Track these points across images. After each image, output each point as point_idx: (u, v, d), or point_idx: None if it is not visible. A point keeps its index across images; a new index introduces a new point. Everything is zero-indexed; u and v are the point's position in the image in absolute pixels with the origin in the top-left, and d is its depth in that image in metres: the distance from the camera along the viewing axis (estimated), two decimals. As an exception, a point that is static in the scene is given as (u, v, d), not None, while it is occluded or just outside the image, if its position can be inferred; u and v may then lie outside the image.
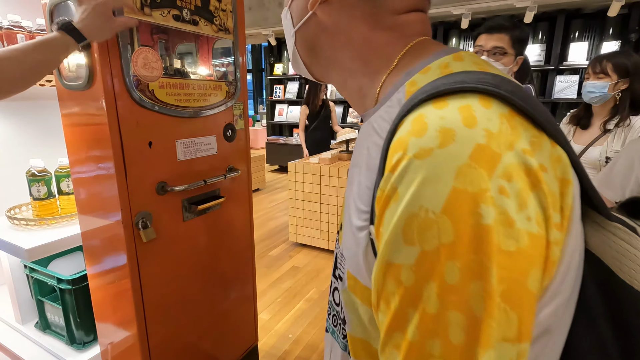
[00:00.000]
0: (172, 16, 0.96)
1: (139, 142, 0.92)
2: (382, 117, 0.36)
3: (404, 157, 0.27)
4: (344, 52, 0.42)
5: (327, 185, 2.96)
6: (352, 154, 0.48)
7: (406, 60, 0.38)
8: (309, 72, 0.48)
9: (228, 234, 1.26)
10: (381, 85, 0.39)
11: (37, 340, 1.20)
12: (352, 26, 0.40)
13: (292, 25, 0.45)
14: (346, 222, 0.40)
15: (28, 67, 0.71)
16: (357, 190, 0.37)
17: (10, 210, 1.12)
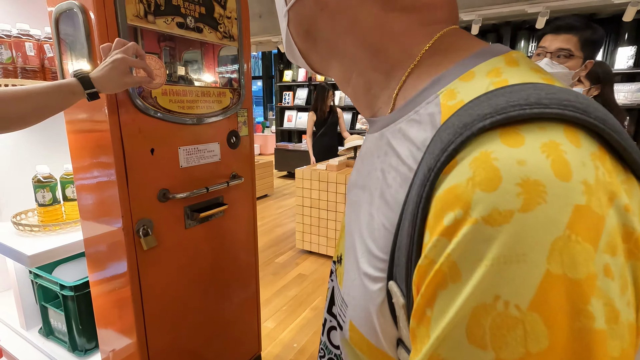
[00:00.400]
0: (176, 24, 0.96)
1: (140, 149, 0.92)
2: (404, 134, 0.28)
3: (467, 219, 0.20)
4: (348, 38, 0.33)
5: (334, 192, 2.94)
6: (354, 167, 0.39)
7: (434, 58, 0.30)
8: (305, 62, 0.39)
9: (231, 242, 1.25)
10: (400, 86, 0.31)
11: (40, 346, 1.20)
12: (359, 4, 0.31)
13: (285, 3, 0.36)
14: (350, 260, 0.32)
15: (30, 109, 0.72)
16: (367, 225, 0.30)
17: (15, 216, 1.13)
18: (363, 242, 0.30)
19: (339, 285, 0.36)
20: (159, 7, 0.91)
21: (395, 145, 0.29)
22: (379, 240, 0.28)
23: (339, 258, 0.37)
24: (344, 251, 0.35)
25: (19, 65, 1.05)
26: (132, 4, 0.85)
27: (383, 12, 0.31)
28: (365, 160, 0.35)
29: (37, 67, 1.08)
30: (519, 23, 4.37)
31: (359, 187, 0.34)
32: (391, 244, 0.26)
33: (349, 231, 0.34)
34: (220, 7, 1.08)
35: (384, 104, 0.33)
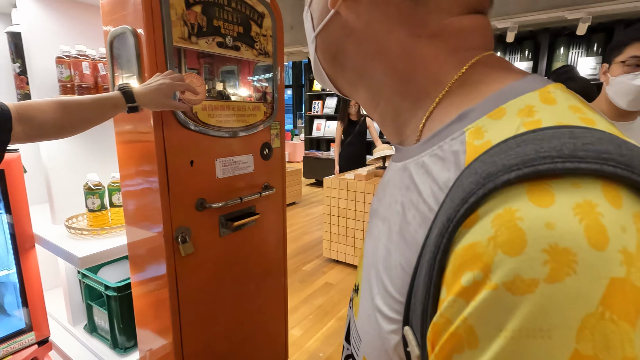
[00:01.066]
0: (216, 43, 1.02)
1: (181, 161, 0.98)
2: (427, 170, 0.26)
3: (486, 283, 0.18)
4: (375, 64, 0.32)
5: (362, 202, 2.94)
6: (376, 194, 0.38)
7: (463, 88, 0.28)
8: (333, 86, 0.39)
9: (261, 250, 1.29)
10: (427, 116, 0.29)
11: (84, 342, 1.29)
12: (387, 30, 0.30)
13: (313, 29, 0.36)
14: (365, 293, 0.31)
15: (78, 119, 0.81)
16: (383, 260, 0.29)
17: (68, 220, 1.23)
18: (379, 277, 0.29)
19: (354, 316, 0.35)
20: (201, 29, 0.97)
21: (418, 181, 0.27)
22: (396, 279, 0.27)
23: (356, 288, 0.36)
24: (360, 282, 0.34)
25: (76, 82, 1.15)
26: (177, 27, 0.92)
27: (411, 39, 0.30)
28: (387, 191, 0.33)
29: (92, 84, 1.18)
30: (558, 29, 4.20)
31: (380, 217, 0.33)
32: (408, 286, 0.25)
33: (366, 262, 0.33)
34: (256, 26, 1.14)
35: (412, 133, 0.32)
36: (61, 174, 1.30)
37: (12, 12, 1.27)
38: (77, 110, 0.80)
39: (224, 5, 1.02)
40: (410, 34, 0.30)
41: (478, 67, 0.29)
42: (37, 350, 1.26)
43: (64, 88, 1.16)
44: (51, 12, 1.22)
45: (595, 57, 3.91)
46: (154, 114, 0.90)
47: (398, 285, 0.26)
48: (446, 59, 0.30)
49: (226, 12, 1.03)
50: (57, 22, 1.24)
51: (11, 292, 1.31)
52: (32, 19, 1.18)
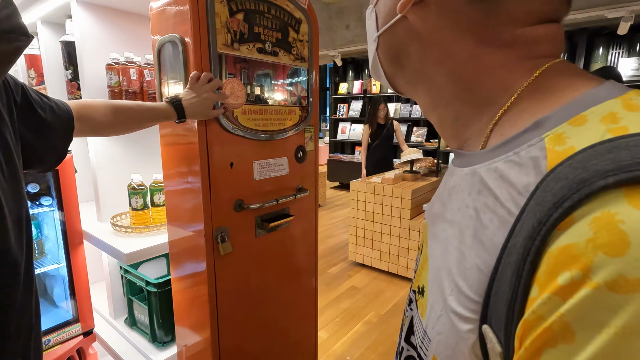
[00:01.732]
0: (256, 49, 1.05)
1: (222, 163, 1.01)
2: (501, 175, 0.27)
3: (586, 282, 0.19)
4: (438, 69, 0.33)
5: (389, 206, 2.91)
6: (437, 198, 0.38)
7: (535, 95, 0.28)
8: (389, 84, 0.40)
9: (294, 251, 1.31)
10: (495, 122, 0.30)
11: (125, 334, 1.35)
12: (454, 37, 0.31)
13: (376, 28, 0.37)
14: (435, 294, 0.32)
15: (137, 120, 0.90)
16: (457, 263, 0.29)
17: (113, 218, 1.30)
18: (452, 279, 0.29)
19: (420, 317, 0.36)
20: (243, 36, 1.01)
21: (492, 186, 0.28)
22: (472, 281, 0.27)
23: (420, 289, 0.37)
24: (426, 283, 0.35)
25: (123, 88, 1.22)
26: (222, 34, 0.95)
27: (479, 48, 0.30)
28: (453, 195, 0.33)
29: (138, 90, 1.24)
30: (597, 29, 4.02)
31: (446, 221, 0.33)
32: (486, 286, 0.26)
33: (434, 265, 0.33)
34: (294, 32, 1.17)
35: (474, 137, 0.32)
36: (107, 174, 1.37)
37: (67, 23, 1.36)
38: (130, 115, 0.88)
39: (264, 13, 1.06)
40: (479, 43, 0.30)
41: (549, 74, 0.29)
42: (82, 341, 1.34)
43: (113, 93, 1.23)
44: (102, 22, 1.30)
45: (638, 57, 3.71)
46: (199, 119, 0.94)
47: (474, 286, 0.27)
48: (515, 67, 0.30)
49: (266, 18, 1.07)
50: (107, 31, 1.32)
51: (60, 285, 1.39)
52: (85, 29, 1.26)
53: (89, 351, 1.37)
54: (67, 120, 0.77)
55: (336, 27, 5.47)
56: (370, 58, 0.41)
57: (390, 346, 2.14)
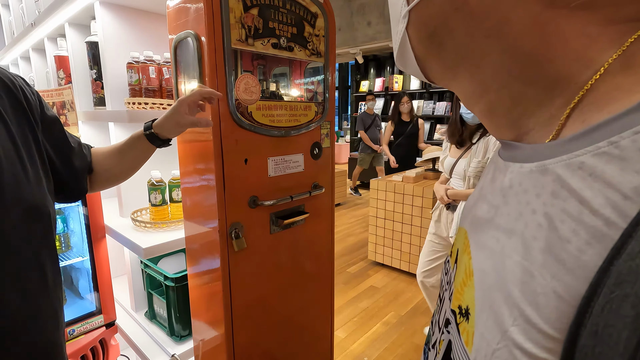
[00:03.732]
0: (271, 44, 1.04)
1: (236, 159, 1.01)
2: (592, 172, 0.21)
3: None
4: (491, 42, 0.26)
5: (410, 205, 2.85)
6: (480, 198, 0.33)
7: (630, 70, 0.22)
8: (419, 69, 0.33)
9: (310, 249, 1.30)
10: (572, 107, 0.24)
11: (145, 327, 1.39)
12: (513, 2, 0.25)
13: (406, 2, 0.30)
14: (486, 320, 0.26)
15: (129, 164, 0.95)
16: (520, 283, 0.24)
17: (133, 213, 1.33)
18: (515, 305, 0.24)
19: (464, 345, 0.29)
20: (257, 31, 1.00)
21: (577, 187, 0.22)
22: (547, 310, 0.22)
23: (464, 311, 0.31)
24: (472, 304, 0.29)
25: (143, 86, 1.24)
26: (235, 29, 0.95)
27: (548, 11, 0.24)
28: (511, 197, 0.27)
29: (157, 87, 1.27)
30: None
31: (500, 229, 0.27)
32: (571, 320, 0.20)
33: (484, 282, 0.28)
34: (309, 26, 1.15)
35: (540, 126, 0.26)
36: (128, 171, 1.40)
37: (92, 24, 1.40)
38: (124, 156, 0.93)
39: (279, 7, 1.05)
40: (548, 5, 0.24)
41: None
42: (104, 332, 1.38)
43: (133, 91, 1.26)
44: (124, 22, 1.33)
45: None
46: (213, 114, 0.94)
47: (551, 318, 0.21)
48: (596, 34, 0.23)
49: (281, 13, 1.06)
50: (128, 31, 1.35)
51: (84, 277, 1.45)
52: (107, 29, 1.30)
53: (111, 342, 1.41)
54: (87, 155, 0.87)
55: (357, 24, 5.41)
56: (396, 41, 0.34)
57: (410, 348, 2.09)
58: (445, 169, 1.95)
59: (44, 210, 0.68)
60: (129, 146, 0.90)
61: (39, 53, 2.14)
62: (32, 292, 0.65)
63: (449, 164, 1.90)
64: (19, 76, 0.72)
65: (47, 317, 0.69)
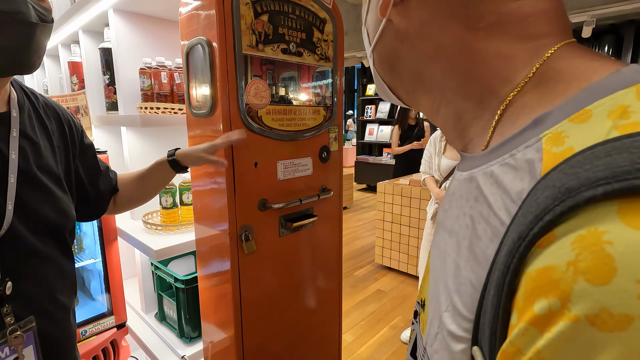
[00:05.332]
0: (280, 50, 1.06)
1: (246, 162, 1.03)
2: (496, 180, 0.24)
3: (564, 313, 0.16)
4: (433, 65, 0.31)
5: (417, 209, 2.84)
6: (441, 205, 0.37)
7: (540, 88, 0.25)
8: (395, 96, 0.38)
9: (318, 252, 1.30)
10: (497, 120, 0.27)
11: (155, 328, 1.40)
12: (440, 27, 0.29)
13: (369, 43, 0.36)
14: (433, 309, 0.30)
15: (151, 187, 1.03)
16: (453, 276, 0.27)
17: (145, 216, 1.35)
18: (448, 294, 0.27)
19: (421, 333, 0.34)
20: (267, 37, 1.02)
21: (487, 193, 0.25)
22: (465, 296, 0.25)
23: (422, 303, 0.35)
24: (427, 297, 0.33)
25: (155, 91, 1.27)
26: (246, 35, 0.97)
27: (467, 33, 0.28)
28: (453, 202, 0.31)
29: (168, 92, 1.29)
30: (646, 21, 3.74)
31: (446, 230, 0.31)
32: (477, 304, 0.24)
33: (433, 277, 0.32)
34: (318, 32, 1.16)
35: (477, 136, 0.29)
36: (140, 174, 1.43)
37: (105, 31, 1.44)
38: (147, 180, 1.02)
39: (288, 13, 1.06)
40: (466, 28, 0.28)
41: (556, 60, 0.25)
42: (116, 333, 1.40)
43: (145, 96, 1.29)
44: (136, 28, 1.36)
45: (695, 50, 3.42)
46: (224, 118, 0.96)
47: (468, 303, 0.25)
48: (512, 53, 0.26)
49: (290, 19, 1.07)
50: (140, 37, 1.38)
51: (96, 279, 1.47)
52: (120, 36, 1.33)
53: (122, 343, 1.43)
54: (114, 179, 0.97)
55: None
56: (374, 79, 0.40)
57: (417, 352, 2.08)
58: (441, 172, 1.94)
59: (70, 225, 0.76)
60: (151, 171, 0.98)
61: (52, 59, 2.19)
62: None
63: (447, 167, 1.90)
64: (67, 111, 0.85)
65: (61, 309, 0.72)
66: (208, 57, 0.96)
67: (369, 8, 0.35)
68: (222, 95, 0.96)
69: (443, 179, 1.93)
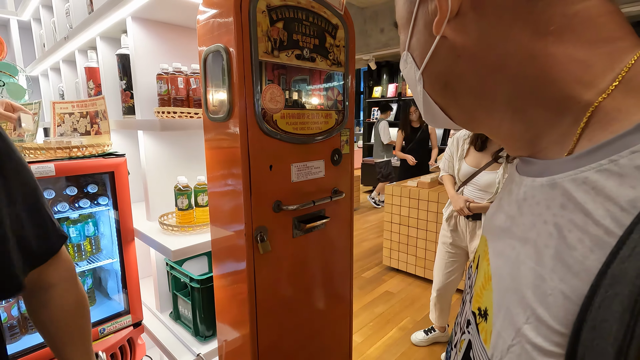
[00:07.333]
0: (294, 56, 1.09)
1: (262, 165, 1.06)
2: (594, 187, 0.24)
3: None
4: (497, 76, 0.30)
5: (425, 210, 2.85)
6: (499, 209, 0.35)
7: (630, 92, 0.24)
8: (448, 117, 0.37)
9: (330, 253, 1.33)
10: (582, 126, 0.26)
11: (170, 327, 1.43)
12: (504, 37, 0.28)
13: (417, 67, 0.35)
14: (503, 320, 0.28)
15: None
16: (533, 287, 0.26)
17: (161, 217, 1.39)
18: (528, 305, 0.26)
19: (483, 343, 0.32)
20: (282, 43, 1.05)
21: (582, 200, 0.24)
22: (555, 309, 0.24)
23: (483, 312, 0.33)
24: (491, 306, 0.31)
25: (172, 95, 1.31)
26: (263, 42, 1.00)
27: (535, 40, 0.27)
28: (525, 208, 0.30)
29: (184, 97, 1.33)
30: (656, 22, 3.72)
31: (515, 237, 0.30)
32: (576, 317, 0.23)
33: (501, 286, 0.30)
34: (330, 37, 1.19)
35: (553, 144, 0.28)
36: (156, 177, 1.47)
37: (122, 37, 1.48)
38: None
39: (302, 20, 1.09)
40: (533, 33, 0.27)
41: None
42: (132, 332, 1.43)
43: (162, 101, 1.32)
44: (154, 35, 1.41)
45: None
46: (241, 123, 0.99)
47: (559, 316, 0.24)
48: (589, 57, 0.26)
49: (304, 26, 1.10)
50: (158, 44, 1.42)
51: (113, 279, 1.51)
52: (138, 42, 1.37)
53: (138, 341, 1.46)
54: None
55: (371, 30, 5.46)
56: (419, 102, 0.38)
57: (426, 355, 2.09)
58: (461, 176, 1.93)
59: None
60: None
61: (69, 64, 2.25)
62: None
63: (467, 172, 1.89)
64: None
65: None
66: (226, 63, 0.99)
67: (414, 31, 0.34)
68: (239, 100, 0.99)
69: (461, 184, 1.92)
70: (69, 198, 1.36)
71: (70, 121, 1.54)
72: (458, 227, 1.96)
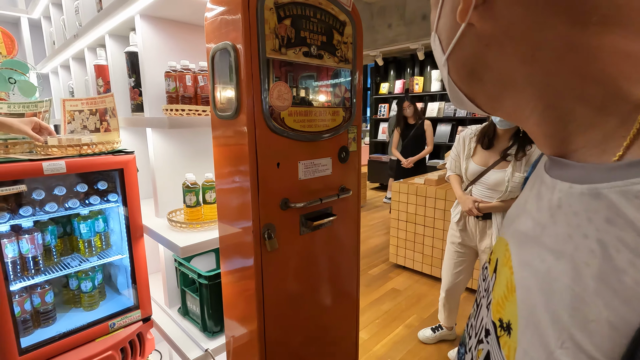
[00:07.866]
0: (302, 53, 1.09)
1: (269, 163, 1.06)
2: None
3: None
4: (530, 67, 0.27)
5: (432, 208, 2.84)
6: (523, 211, 0.33)
7: None
8: (473, 104, 0.35)
9: (337, 250, 1.33)
10: (635, 132, 0.23)
11: (178, 322, 1.45)
12: (538, 25, 0.25)
13: (442, 52, 0.34)
14: (530, 338, 0.26)
15: None
16: (570, 308, 0.23)
17: (170, 214, 1.40)
18: (564, 328, 0.23)
19: (505, 358, 0.29)
20: (290, 40, 1.05)
21: (634, 218, 0.21)
22: (600, 339, 0.21)
23: (505, 325, 0.30)
24: (515, 320, 0.28)
25: (180, 93, 1.31)
26: (270, 39, 1.00)
27: (575, 29, 0.24)
28: (558, 217, 0.26)
29: (192, 95, 1.33)
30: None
31: (546, 248, 0.27)
32: (623, 350, 0.20)
33: (528, 300, 0.27)
34: (338, 34, 1.19)
35: (592, 146, 0.26)
36: (164, 174, 1.48)
37: (130, 35, 1.49)
38: None
39: (310, 17, 1.09)
40: (574, 23, 0.24)
41: None
42: (141, 326, 1.45)
43: (170, 98, 1.33)
44: (162, 33, 1.41)
45: None
46: (249, 121, 0.99)
47: (604, 347, 0.21)
48: (637, 49, 0.23)
49: (312, 23, 1.10)
50: (166, 41, 1.43)
51: (123, 274, 1.53)
52: (146, 40, 1.38)
53: (147, 336, 1.48)
54: None
55: (378, 26, 5.42)
56: (446, 85, 0.36)
57: (433, 352, 2.09)
58: (468, 176, 1.90)
59: None
60: None
61: (78, 62, 2.27)
62: None
63: (474, 172, 1.87)
64: None
65: None
66: (233, 60, 1.00)
67: (441, 14, 0.32)
68: (246, 98, 0.99)
69: (469, 183, 1.90)
70: (80, 195, 1.38)
71: (80, 118, 1.56)
72: (467, 227, 1.94)
